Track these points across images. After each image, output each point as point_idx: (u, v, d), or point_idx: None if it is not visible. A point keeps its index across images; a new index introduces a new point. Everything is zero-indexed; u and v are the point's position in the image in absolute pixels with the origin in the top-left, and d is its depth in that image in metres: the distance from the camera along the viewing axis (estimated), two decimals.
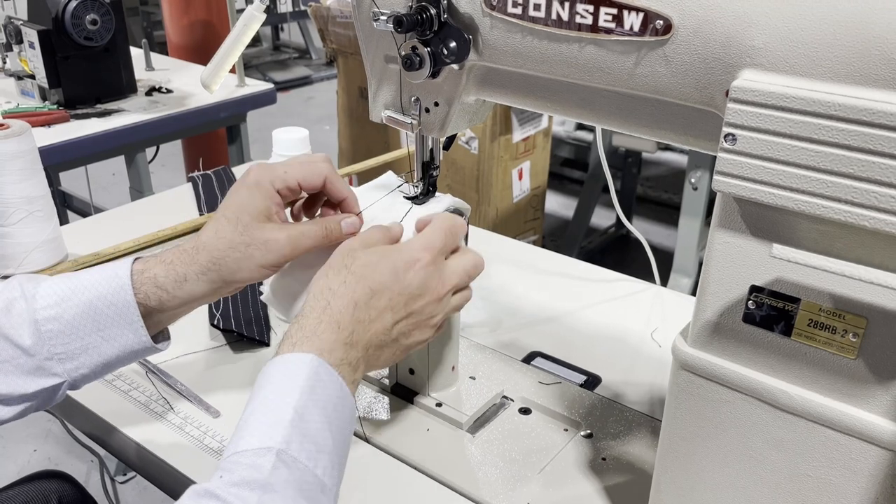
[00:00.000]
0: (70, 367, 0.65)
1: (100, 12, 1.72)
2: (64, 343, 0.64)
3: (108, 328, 0.65)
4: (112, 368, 0.68)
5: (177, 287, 0.67)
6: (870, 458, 0.53)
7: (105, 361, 0.66)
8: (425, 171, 0.79)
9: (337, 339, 0.59)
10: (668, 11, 0.54)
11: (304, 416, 0.54)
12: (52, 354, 0.64)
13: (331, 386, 0.57)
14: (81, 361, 0.65)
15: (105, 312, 0.65)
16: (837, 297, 0.51)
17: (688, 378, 0.60)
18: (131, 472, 1.96)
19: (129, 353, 0.67)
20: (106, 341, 0.65)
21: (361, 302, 0.62)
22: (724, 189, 0.52)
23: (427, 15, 0.66)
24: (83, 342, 0.65)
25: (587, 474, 0.77)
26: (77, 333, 0.65)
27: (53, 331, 0.64)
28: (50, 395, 0.66)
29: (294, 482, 0.51)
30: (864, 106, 0.45)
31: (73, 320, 0.64)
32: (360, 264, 0.63)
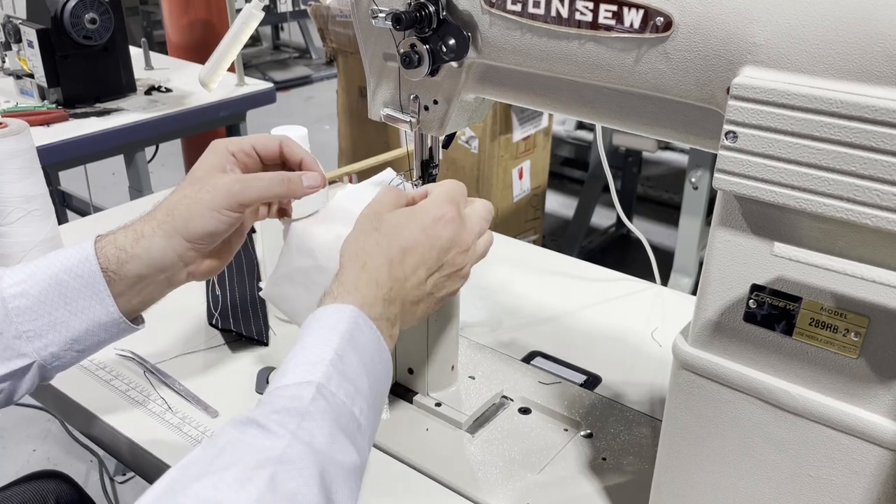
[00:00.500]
0: (39, 345, 0.64)
1: (99, 11, 1.72)
2: (32, 319, 0.63)
3: (74, 301, 0.64)
4: (83, 346, 0.66)
5: (134, 244, 0.65)
6: (872, 458, 0.52)
7: (74, 336, 0.65)
8: (424, 170, 0.79)
9: (376, 294, 0.60)
10: (668, 8, 0.54)
11: (344, 358, 0.55)
12: (20, 333, 0.63)
13: (370, 336, 0.58)
14: (50, 339, 0.64)
15: (71, 284, 0.64)
16: (839, 296, 0.51)
17: (688, 377, 0.59)
18: (131, 473, 1.96)
19: (97, 327, 0.65)
20: (74, 315, 0.64)
21: (396, 260, 0.63)
22: (724, 187, 0.51)
23: (426, 12, 0.66)
24: (51, 317, 0.64)
25: (587, 474, 0.77)
26: (44, 308, 0.63)
27: (20, 307, 0.63)
28: (19, 380, 0.65)
29: (332, 414, 0.52)
30: (866, 103, 0.45)
31: (39, 295, 0.63)
32: (389, 226, 0.64)
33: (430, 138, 0.78)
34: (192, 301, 1.04)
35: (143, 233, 0.66)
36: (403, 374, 0.86)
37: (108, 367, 0.91)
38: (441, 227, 0.65)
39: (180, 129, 1.93)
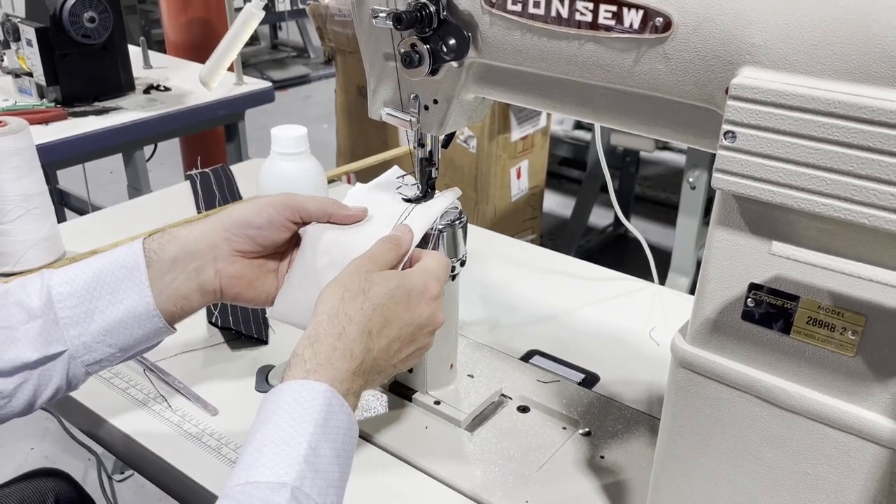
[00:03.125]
0: (73, 333, 0.65)
1: (98, 10, 1.72)
2: (72, 306, 0.65)
3: (115, 290, 0.66)
4: (115, 339, 0.67)
5: (180, 229, 0.69)
6: (868, 455, 0.53)
7: (107, 326, 0.66)
8: (424, 170, 0.79)
9: (349, 368, 0.60)
10: (667, 9, 0.54)
11: (318, 450, 0.54)
12: (59, 318, 0.64)
13: (342, 417, 0.57)
14: (84, 327, 0.65)
15: (115, 274, 0.66)
16: (836, 295, 0.51)
17: (686, 376, 0.60)
18: (129, 471, 1.96)
19: (131, 319, 0.66)
20: (111, 305, 0.66)
21: (375, 331, 0.62)
22: (723, 186, 0.52)
23: (426, 12, 0.66)
24: (90, 305, 0.65)
25: (585, 472, 0.77)
26: (85, 296, 0.65)
27: (63, 293, 0.65)
28: (48, 372, 0.65)
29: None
30: (864, 103, 0.45)
31: (84, 283, 0.65)
32: (377, 292, 0.63)
33: (429, 138, 0.78)
34: None
35: (194, 221, 0.70)
36: (403, 373, 0.87)
37: None
38: (424, 304, 0.66)
39: (179, 127, 1.93)
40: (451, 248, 0.78)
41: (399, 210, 0.75)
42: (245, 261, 0.70)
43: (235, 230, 0.69)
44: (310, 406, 0.56)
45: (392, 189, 0.79)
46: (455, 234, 0.78)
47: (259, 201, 0.70)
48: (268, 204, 0.70)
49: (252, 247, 0.70)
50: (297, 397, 0.56)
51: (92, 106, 1.80)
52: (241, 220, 0.69)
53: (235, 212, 0.70)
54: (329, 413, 0.56)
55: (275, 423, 0.55)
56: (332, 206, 0.72)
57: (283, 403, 0.56)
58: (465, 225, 0.79)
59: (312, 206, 0.71)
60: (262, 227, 0.70)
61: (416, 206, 0.76)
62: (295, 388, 0.57)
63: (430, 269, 0.68)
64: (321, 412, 0.56)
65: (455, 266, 0.79)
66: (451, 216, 0.78)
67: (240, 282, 0.70)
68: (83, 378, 0.68)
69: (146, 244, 0.68)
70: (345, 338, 0.60)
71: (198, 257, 0.68)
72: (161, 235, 0.68)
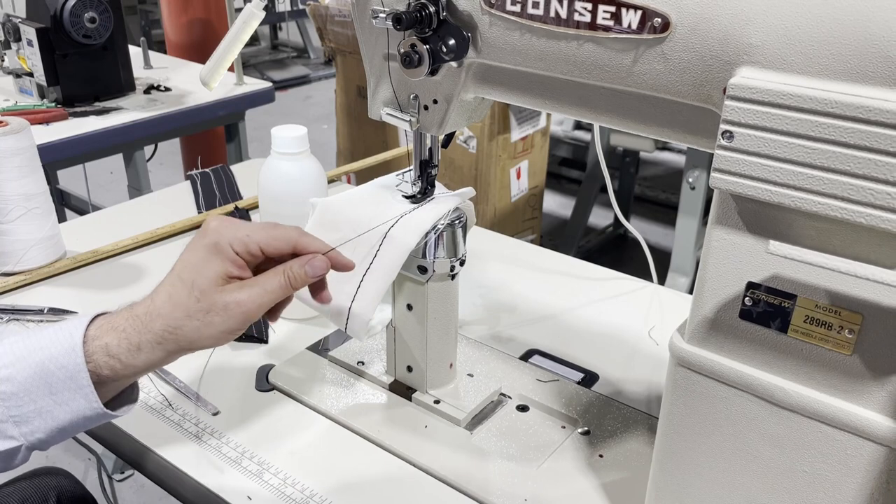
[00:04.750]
0: (26, 430, 0.63)
1: (98, 10, 1.72)
2: (17, 406, 0.62)
3: (59, 392, 0.62)
4: (68, 434, 0.65)
5: (130, 356, 0.63)
6: (865, 453, 0.53)
7: (59, 426, 0.63)
8: (423, 170, 0.80)
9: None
10: (665, 9, 0.54)
11: None
12: (7, 417, 0.62)
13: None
14: (36, 426, 0.63)
15: (56, 375, 0.62)
16: (833, 294, 0.52)
17: (685, 374, 0.60)
18: (129, 471, 1.96)
19: (81, 420, 0.63)
20: (58, 405, 0.63)
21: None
22: (721, 186, 0.52)
23: (426, 13, 0.66)
24: (36, 405, 0.62)
25: (584, 471, 0.77)
26: (30, 396, 0.62)
27: (7, 392, 0.62)
28: (7, 458, 0.64)
29: None
30: (861, 103, 0.45)
31: (25, 381, 0.62)
32: None
33: (429, 138, 0.78)
34: None
35: (141, 346, 0.62)
36: (402, 372, 0.87)
37: None
38: None
39: (179, 128, 1.93)
40: (451, 247, 0.78)
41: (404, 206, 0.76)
42: None
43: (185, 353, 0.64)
44: None
45: (393, 187, 0.80)
46: (455, 234, 0.78)
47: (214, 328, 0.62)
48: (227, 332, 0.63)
49: None
50: None
51: (92, 106, 1.81)
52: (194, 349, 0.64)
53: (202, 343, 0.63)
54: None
55: None
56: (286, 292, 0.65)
57: None
58: (464, 224, 0.79)
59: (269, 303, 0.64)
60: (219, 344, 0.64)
61: (421, 205, 0.77)
62: None
63: None
64: None
65: (455, 265, 0.79)
66: (452, 216, 0.78)
67: None
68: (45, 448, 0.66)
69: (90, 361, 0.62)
70: None
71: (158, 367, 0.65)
72: (109, 362, 0.63)
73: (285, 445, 0.80)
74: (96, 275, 1.12)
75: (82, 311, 1.01)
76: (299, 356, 0.94)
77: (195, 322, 0.62)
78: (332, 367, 0.92)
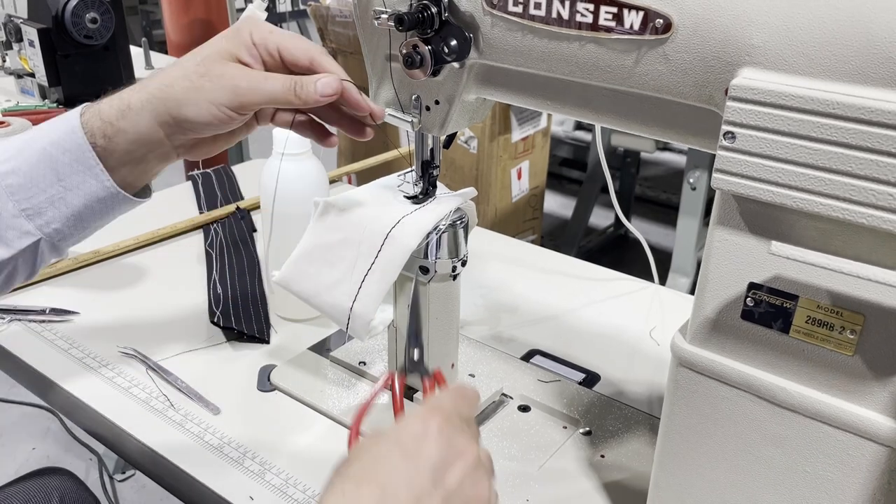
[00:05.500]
0: (41, 222, 0.61)
1: (100, 11, 1.72)
2: (28, 197, 0.61)
3: (68, 176, 0.61)
4: (88, 222, 0.64)
5: (120, 117, 0.60)
6: (867, 454, 0.53)
7: (73, 213, 0.62)
8: (425, 170, 0.80)
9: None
10: (667, 10, 0.54)
11: None
12: (19, 211, 0.61)
13: None
14: (51, 216, 0.61)
15: (61, 159, 0.60)
16: (835, 294, 0.52)
17: (686, 375, 0.60)
18: (130, 471, 1.97)
19: (95, 202, 0.62)
20: (69, 191, 0.61)
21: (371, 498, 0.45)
22: (723, 187, 0.52)
23: (428, 13, 0.66)
24: (47, 194, 0.61)
25: (586, 471, 0.77)
26: (38, 185, 0.61)
27: (14, 185, 0.61)
28: (30, 258, 0.63)
29: None
30: (863, 104, 0.45)
31: (31, 171, 0.61)
32: (359, 464, 0.48)
33: (431, 139, 0.79)
34: (194, 299, 1.05)
35: (131, 105, 0.61)
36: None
37: (111, 365, 0.92)
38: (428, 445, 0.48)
39: None
40: (453, 248, 0.78)
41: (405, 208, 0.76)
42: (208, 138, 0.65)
43: (190, 128, 0.61)
44: None
45: (394, 188, 0.80)
46: (456, 234, 0.78)
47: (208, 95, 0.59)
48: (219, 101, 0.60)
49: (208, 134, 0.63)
50: None
51: None
52: (197, 122, 0.60)
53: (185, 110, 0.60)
54: None
55: None
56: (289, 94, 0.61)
57: None
58: (466, 225, 0.79)
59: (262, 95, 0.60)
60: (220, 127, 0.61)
61: (423, 206, 0.77)
62: None
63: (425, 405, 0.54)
64: None
65: (456, 266, 0.79)
66: (453, 216, 0.78)
67: (205, 149, 0.66)
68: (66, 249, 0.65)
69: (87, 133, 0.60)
70: None
71: (154, 148, 0.62)
72: (101, 126, 0.61)
73: (287, 446, 0.81)
74: (98, 275, 1.12)
75: (84, 311, 1.02)
76: (301, 356, 0.94)
77: (186, 83, 0.60)
78: (334, 368, 0.92)
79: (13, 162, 0.61)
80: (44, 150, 0.61)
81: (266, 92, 0.61)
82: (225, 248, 1.16)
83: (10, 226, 0.61)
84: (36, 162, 0.61)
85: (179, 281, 1.11)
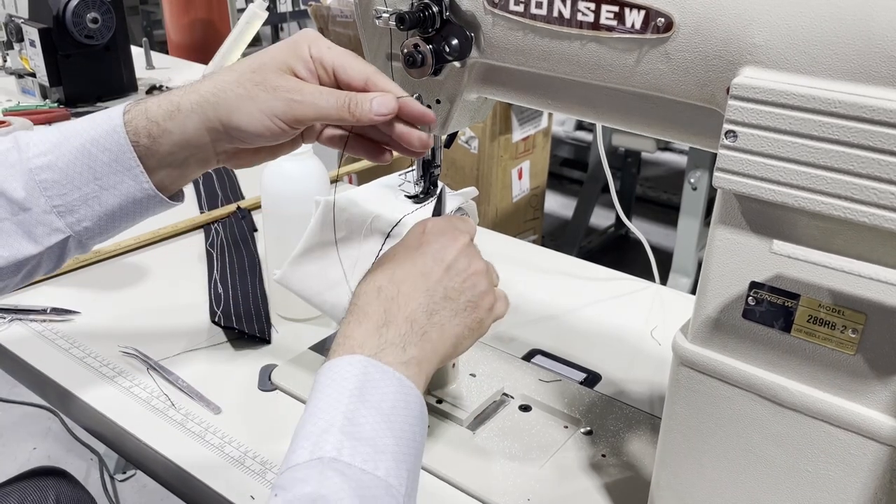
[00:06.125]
0: (72, 220, 0.61)
1: (101, 11, 1.73)
2: (61, 194, 0.60)
3: (105, 175, 0.60)
4: (119, 222, 0.63)
5: (168, 118, 0.59)
6: (868, 453, 0.53)
7: (107, 212, 0.61)
8: (426, 170, 0.80)
9: (367, 328, 0.57)
10: (669, 9, 0.54)
11: (355, 419, 0.52)
12: (51, 208, 0.60)
13: (384, 384, 0.54)
14: (83, 214, 0.61)
15: (100, 158, 0.60)
16: (837, 293, 0.52)
17: (688, 374, 0.60)
18: (131, 471, 1.97)
19: (132, 203, 0.61)
20: (105, 190, 0.60)
21: (384, 283, 0.60)
22: (724, 185, 0.52)
23: (429, 13, 0.66)
24: (81, 192, 0.60)
25: (587, 471, 0.77)
26: (73, 182, 0.60)
27: (48, 181, 0.60)
28: (56, 254, 0.62)
29: (351, 489, 0.48)
30: (864, 103, 0.45)
31: (67, 168, 0.60)
32: (386, 257, 0.63)
33: (432, 138, 0.79)
34: (196, 299, 1.05)
35: (181, 107, 0.60)
36: None
37: (112, 364, 0.92)
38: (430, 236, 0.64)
39: None
40: None
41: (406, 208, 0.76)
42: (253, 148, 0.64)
43: (239, 137, 0.61)
44: (343, 380, 0.54)
45: (395, 187, 0.80)
46: None
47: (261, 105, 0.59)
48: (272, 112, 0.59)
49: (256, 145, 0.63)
50: (331, 375, 0.54)
51: (95, 106, 1.81)
52: (245, 132, 0.60)
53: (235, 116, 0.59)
54: (365, 381, 0.53)
55: (312, 406, 0.54)
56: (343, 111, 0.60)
57: (319, 385, 0.55)
58: None
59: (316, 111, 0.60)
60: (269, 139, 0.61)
61: (424, 205, 0.77)
62: (328, 368, 0.55)
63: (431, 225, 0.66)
64: (356, 383, 0.53)
65: None
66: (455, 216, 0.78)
67: (252, 160, 0.66)
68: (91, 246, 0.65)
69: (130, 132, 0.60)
70: (355, 310, 0.59)
71: (198, 153, 0.62)
72: (147, 126, 0.60)
73: (288, 445, 0.80)
74: (99, 275, 1.12)
75: (85, 311, 1.02)
76: (302, 356, 0.94)
77: (240, 90, 0.59)
78: None
79: (49, 156, 0.60)
80: (82, 146, 0.60)
81: (321, 107, 0.60)
82: (226, 247, 1.16)
83: (41, 221, 0.60)
84: (73, 159, 0.60)
85: (180, 280, 1.11)
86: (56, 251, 0.62)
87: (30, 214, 0.60)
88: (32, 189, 0.60)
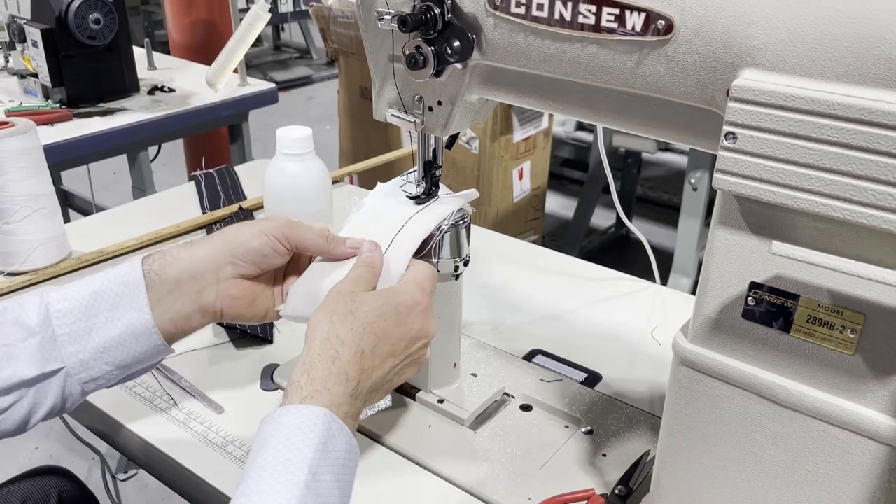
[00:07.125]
0: (71, 350, 0.65)
1: (103, 11, 1.73)
2: (70, 323, 0.65)
3: (114, 308, 0.66)
4: (113, 357, 0.66)
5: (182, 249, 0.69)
6: (867, 452, 0.53)
7: (105, 343, 0.65)
8: (428, 171, 0.80)
9: (345, 391, 0.60)
10: (669, 11, 0.55)
11: (318, 476, 0.55)
12: (56, 335, 0.64)
13: (341, 441, 0.58)
14: (82, 344, 0.65)
15: (113, 291, 0.66)
16: (836, 294, 0.52)
17: (688, 374, 0.60)
18: (132, 470, 1.97)
19: (129, 335, 0.66)
20: (109, 321, 0.65)
21: (367, 350, 0.63)
22: (724, 187, 0.53)
23: (431, 14, 0.66)
24: (89, 322, 0.65)
25: (588, 470, 0.78)
26: (84, 312, 0.65)
27: (62, 310, 0.65)
28: (44, 390, 0.65)
29: None
30: (863, 105, 0.46)
31: (82, 299, 0.65)
32: (364, 310, 0.64)
33: (433, 139, 0.79)
34: None
35: (195, 243, 0.70)
36: None
37: None
38: (414, 316, 0.66)
39: (183, 128, 1.94)
40: (455, 247, 0.78)
41: (409, 210, 0.77)
42: (246, 282, 0.71)
43: (242, 256, 0.69)
44: (308, 431, 0.56)
45: (398, 189, 0.81)
46: (458, 235, 0.78)
47: (261, 227, 0.71)
48: (270, 232, 0.70)
49: (255, 271, 0.71)
50: (296, 422, 0.57)
51: (97, 107, 1.81)
52: (248, 248, 0.69)
53: (240, 236, 0.70)
54: (328, 437, 0.57)
55: (274, 448, 0.55)
56: (329, 244, 0.72)
57: (282, 428, 0.56)
58: (468, 225, 0.80)
59: (310, 239, 0.72)
60: (267, 256, 0.70)
61: (426, 206, 0.77)
62: (292, 412, 0.57)
63: (416, 280, 0.69)
64: (320, 437, 0.56)
65: (458, 266, 0.80)
66: (456, 216, 0.78)
67: (241, 302, 0.71)
68: (79, 398, 0.67)
69: (146, 264, 0.67)
70: (339, 361, 0.61)
71: (201, 280, 0.68)
72: (161, 256, 0.68)
73: None
74: None
75: None
76: None
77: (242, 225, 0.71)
78: None
79: (68, 290, 0.66)
80: (100, 284, 0.67)
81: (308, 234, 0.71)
82: None
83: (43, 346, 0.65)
84: (89, 293, 0.66)
85: None
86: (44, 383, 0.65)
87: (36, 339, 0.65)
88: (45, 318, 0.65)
